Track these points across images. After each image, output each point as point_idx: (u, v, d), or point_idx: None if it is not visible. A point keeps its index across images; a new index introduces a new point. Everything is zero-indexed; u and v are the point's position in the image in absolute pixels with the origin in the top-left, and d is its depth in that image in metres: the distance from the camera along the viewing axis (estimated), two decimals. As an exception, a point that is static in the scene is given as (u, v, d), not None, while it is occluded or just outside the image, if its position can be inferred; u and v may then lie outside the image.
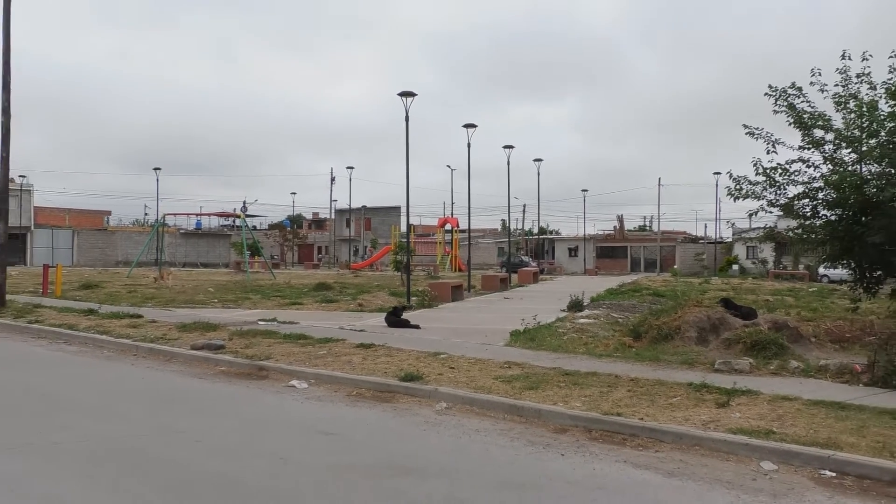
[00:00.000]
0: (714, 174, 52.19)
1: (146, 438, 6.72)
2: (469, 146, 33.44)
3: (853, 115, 13.02)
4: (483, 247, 78.43)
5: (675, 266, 60.65)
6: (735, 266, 58.10)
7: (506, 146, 36.90)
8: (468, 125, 32.68)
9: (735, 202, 14.21)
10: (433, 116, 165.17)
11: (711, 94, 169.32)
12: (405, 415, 7.79)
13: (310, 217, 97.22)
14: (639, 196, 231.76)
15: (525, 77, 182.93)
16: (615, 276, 49.51)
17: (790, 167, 13.60)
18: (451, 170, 68.27)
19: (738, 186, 13.85)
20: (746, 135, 13.99)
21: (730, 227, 58.18)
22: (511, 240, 56.77)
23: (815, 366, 9.65)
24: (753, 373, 9.35)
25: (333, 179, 76.52)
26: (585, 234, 73.50)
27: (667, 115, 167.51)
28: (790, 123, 13.63)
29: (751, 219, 17.02)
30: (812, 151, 13.51)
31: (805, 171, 13.59)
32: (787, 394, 7.90)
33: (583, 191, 75.42)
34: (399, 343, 12.07)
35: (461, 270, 50.39)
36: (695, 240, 71.26)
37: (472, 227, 41.33)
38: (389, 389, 8.85)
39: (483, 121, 50.73)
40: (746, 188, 13.80)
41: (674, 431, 6.66)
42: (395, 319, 15.13)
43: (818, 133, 13.41)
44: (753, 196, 13.83)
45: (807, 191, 13.59)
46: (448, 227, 62.29)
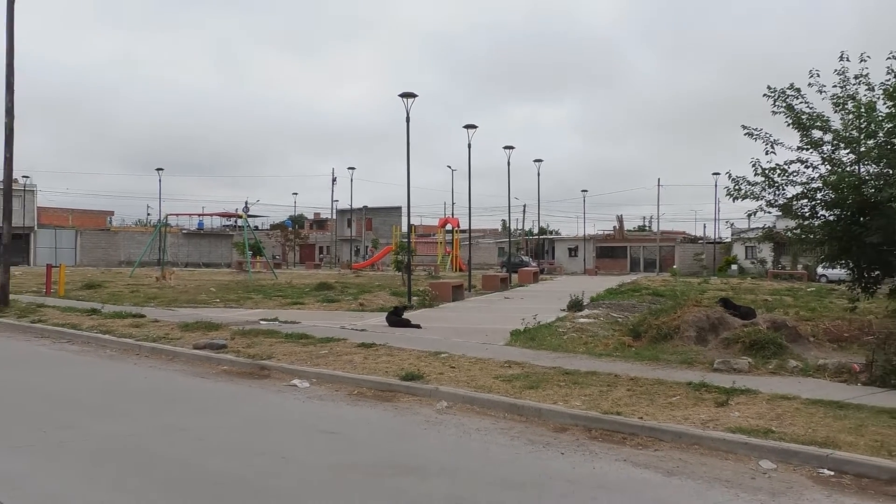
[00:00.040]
0: (713, 174, 52.14)
1: (149, 437, 6.75)
2: (469, 147, 33.53)
3: (851, 116, 13.07)
4: (483, 247, 78.44)
5: (675, 266, 60.66)
6: (734, 266, 58.13)
7: (506, 147, 36.98)
8: (468, 126, 32.80)
9: (734, 202, 14.31)
10: (433, 117, 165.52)
11: (711, 95, 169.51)
12: (406, 414, 7.83)
13: (311, 217, 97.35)
14: (638, 196, 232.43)
15: (525, 77, 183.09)
16: (615, 276, 49.51)
17: (789, 168, 13.67)
18: (452, 170, 68.40)
19: (737, 187, 13.91)
20: (745, 135, 14.05)
21: (729, 228, 58.33)
22: (511, 240, 56.81)
23: (814, 365, 9.69)
24: (752, 372, 9.39)
25: (335, 180, 76.64)
26: (585, 235, 73.61)
27: (666, 116, 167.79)
28: (789, 124, 13.69)
29: (750, 219, 17.11)
30: (810, 152, 13.58)
31: (803, 172, 13.67)
32: (786, 393, 7.94)
33: (582, 191, 75.75)
34: (400, 342, 12.12)
35: (462, 270, 50.40)
36: (694, 240, 71.29)
37: (473, 228, 41.34)
38: (390, 389, 8.89)
39: (483, 121, 51.03)
40: (745, 188, 13.86)
41: (673, 430, 6.69)
42: (396, 319, 15.17)
43: (817, 134, 13.47)
44: (752, 196, 13.90)
45: (805, 191, 13.65)
46: (449, 228, 62.35)
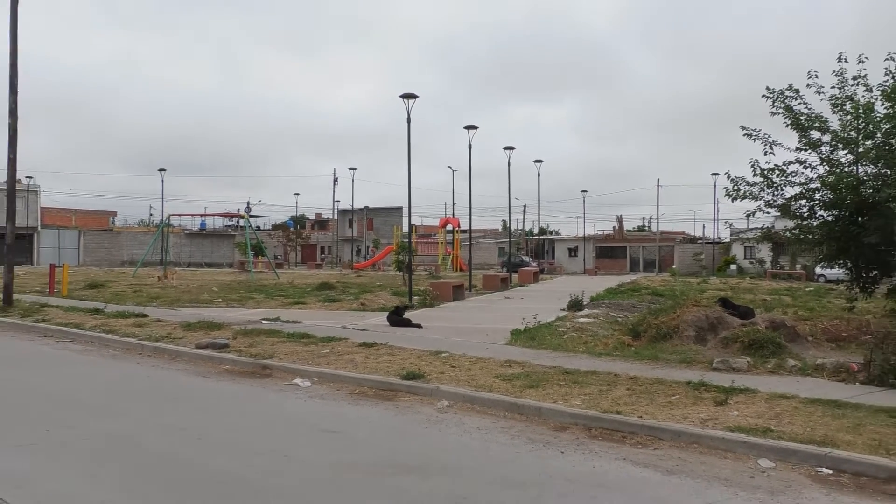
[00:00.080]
0: (713, 175, 52.25)
1: (151, 436, 6.80)
2: (470, 147, 33.54)
3: (850, 117, 13.10)
4: (484, 247, 78.49)
5: (674, 266, 60.69)
6: (733, 266, 58.17)
7: (506, 147, 36.99)
8: (469, 126, 32.84)
9: (733, 203, 14.31)
10: (434, 117, 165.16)
11: (711, 95, 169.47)
12: (407, 413, 7.87)
13: (313, 217, 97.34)
14: (638, 196, 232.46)
15: (525, 78, 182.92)
16: (614, 276, 49.52)
17: (787, 168, 13.70)
18: (453, 171, 68.59)
19: (736, 187, 13.93)
20: (744, 136, 14.06)
21: (728, 228, 58.64)
22: (511, 240, 56.85)
23: (812, 364, 9.72)
24: (751, 371, 9.43)
25: (336, 180, 76.72)
26: (585, 235, 73.64)
27: (666, 116, 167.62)
28: (787, 125, 13.71)
29: (748, 219, 17.17)
30: (809, 153, 13.60)
31: (802, 172, 13.70)
32: (785, 392, 7.97)
33: (582, 191, 75.81)
34: (401, 342, 12.15)
35: (462, 270, 50.42)
36: (693, 240, 71.32)
37: (473, 228, 41.32)
38: (391, 388, 8.94)
39: (483, 122, 51.32)
40: (744, 189, 13.89)
41: (672, 429, 6.73)
42: (397, 318, 15.20)
43: (815, 134, 13.50)
44: (751, 197, 13.92)
45: (804, 192, 13.68)
46: (449, 228, 62.35)
